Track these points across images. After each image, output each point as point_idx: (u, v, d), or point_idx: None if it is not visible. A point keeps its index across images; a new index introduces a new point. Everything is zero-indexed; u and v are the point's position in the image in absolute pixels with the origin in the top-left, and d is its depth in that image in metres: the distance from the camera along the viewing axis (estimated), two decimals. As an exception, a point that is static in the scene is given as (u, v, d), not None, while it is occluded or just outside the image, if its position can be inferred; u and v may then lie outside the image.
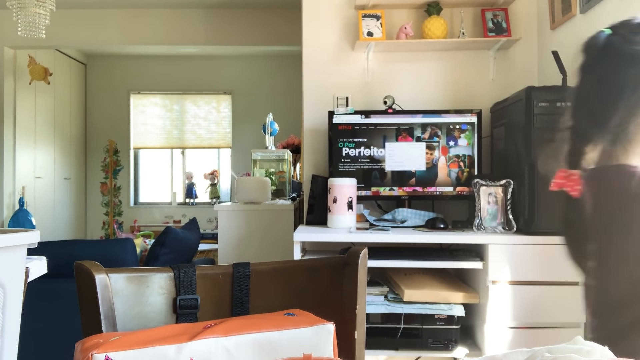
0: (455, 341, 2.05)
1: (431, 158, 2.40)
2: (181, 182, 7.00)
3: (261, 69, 6.79)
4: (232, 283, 0.89)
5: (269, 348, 0.73)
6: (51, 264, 1.64)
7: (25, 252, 0.90)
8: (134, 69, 6.85)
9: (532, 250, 1.98)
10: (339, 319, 0.81)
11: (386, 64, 2.63)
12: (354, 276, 0.87)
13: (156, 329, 0.73)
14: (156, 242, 2.93)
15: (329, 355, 0.75)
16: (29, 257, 1.26)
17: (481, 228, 2.10)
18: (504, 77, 2.60)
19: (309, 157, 2.64)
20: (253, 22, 5.08)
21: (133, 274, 0.84)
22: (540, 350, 0.70)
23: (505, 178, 2.13)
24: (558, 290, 1.97)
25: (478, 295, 2.05)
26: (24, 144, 5.45)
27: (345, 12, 2.64)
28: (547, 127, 1.99)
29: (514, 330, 1.99)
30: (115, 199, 6.86)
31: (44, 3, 3.37)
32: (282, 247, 2.80)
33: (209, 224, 6.60)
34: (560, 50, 2.16)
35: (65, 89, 6.31)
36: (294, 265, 0.95)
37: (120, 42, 5.10)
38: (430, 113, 2.41)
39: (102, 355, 0.65)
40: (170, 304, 0.85)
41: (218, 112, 6.93)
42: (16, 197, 5.24)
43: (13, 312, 0.86)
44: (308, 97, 2.64)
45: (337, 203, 2.22)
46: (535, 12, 2.58)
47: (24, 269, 0.90)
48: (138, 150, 7.00)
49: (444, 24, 2.49)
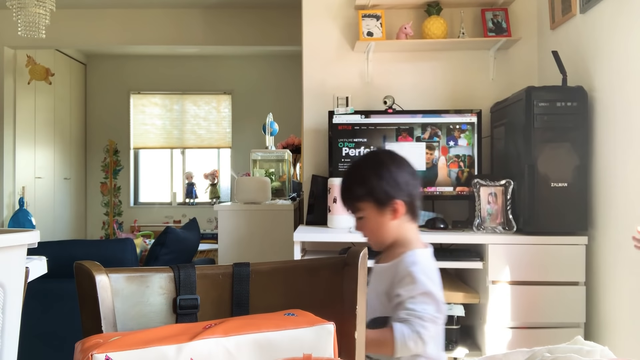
0: (455, 341, 2.05)
1: (431, 158, 2.40)
2: (181, 182, 7.00)
3: (261, 69, 6.79)
4: (232, 283, 0.89)
5: (269, 348, 0.73)
6: (51, 264, 1.63)
7: (25, 252, 0.90)
8: (134, 69, 6.84)
9: (532, 250, 1.98)
10: (339, 319, 0.81)
11: (386, 64, 2.63)
12: (354, 276, 0.87)
13: (156, 329, 0.73)
14: (156, 242, 2.93)
15: (329, 355, 0.75)
16: (29, 257, 1.26)
17: (481, 228, 2.10)
18: (504, 77, 2.60)
19: (309, 157, 2.64)
20: (253, 22, 5.08)
21: (133, 274, 0.84)
22: (540, 350, 0.70)
23: (505, 178, 2.13)
24: (558, 290, 1.97)
25: (478, 295, 2.05)
26: (24, 144, 5.45)
27: (345, 12, 2.64)
28: (547, 127, 1.99)
29: (514, 330, 1.98)
30: (115, 199, 6.86)
31: (44, 3, 3.37)
32: (282, 247, 2.80)
33: (209, 224, 6.60)
34: (560, 50, 2.16)
35: (65, 89, 6.31)
36: (294, 265, 0.95)
37: (120, 42, 5.10)
38: (430, 113, 2.41)
39: (102, 355, 0.65)
40: (170, 304, 0.85)
41: (218, 112, 6.93)
42: (16, 197, 5.24)
43: (13, 312, 0.86)
44: (308, 97, 2.64)
45: (337, 203, 2.22)
46: (535, 12, 2.58)
47: (24, 269, 0.90)
48: (138, 150, 7.00)
49: (444, 24, 2.49)
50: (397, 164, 1.36)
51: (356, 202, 1.37)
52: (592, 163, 2.02)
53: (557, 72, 2.12)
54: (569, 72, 2.10)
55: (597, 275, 1.97)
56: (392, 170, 1.34)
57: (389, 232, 1.35)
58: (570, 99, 1.99)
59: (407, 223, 1.36)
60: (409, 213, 1.35)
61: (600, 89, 1.98)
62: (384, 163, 1.36)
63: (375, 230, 1.37)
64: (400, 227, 1.35)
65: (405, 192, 1.34)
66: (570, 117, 1.99)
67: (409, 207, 1.35)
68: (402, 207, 1.33)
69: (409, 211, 1.35)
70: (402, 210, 1.33)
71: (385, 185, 1.33)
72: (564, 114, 1.99)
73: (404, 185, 1.34)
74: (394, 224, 1.34)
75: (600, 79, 1.98)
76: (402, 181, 1.34)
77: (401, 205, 1.33)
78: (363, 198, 1.35)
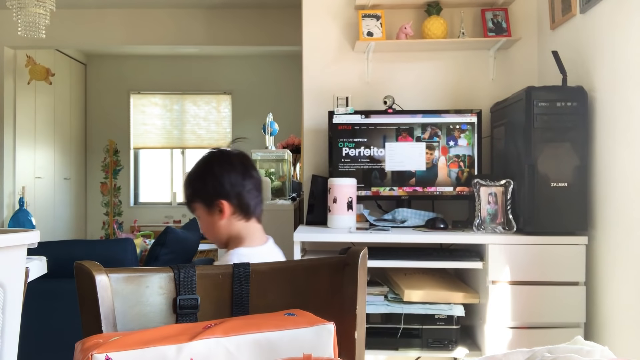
0: (455, 341, 2.05)
1: (431, 158, 2.40)
2: (181, 182, 6.99)
3: (261, 69, 6.80)
4: (232, 283, 0.89)
5: (269, 348, 0.73)
6: (51, 264, 1.63)
7: (25, 252, 0.90)
8: (134, 69, 6.85)
9: (532, 250, 1.98)
10: (339, 319, 0.81)
11: (386, 64, 2.63)
12: (354, 276, 0.87)
13: (156, 329, 0.73)
14: (156, 242, 2.93)
15: (329, 355, 0.75)
16: (29, 257, 1.26)
17: (481, 228, 2.10)
18: (504, 77, 2.60)
19: (309, 157, 2.64)
20: (253, 22, 5.08)
21: (133, 274, 0.84)
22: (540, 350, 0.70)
23: (505, 178, 2.13)
24: (558, 290, 1.97)
25: (478, 295, 2.05)
26: (24, 144, 5.45)
27: (345, 12, 2.64)
28: (547, 127, 1.99)
29: (514, 330, 1.98)
30: (115, 199, 6.86)
31: (44, 3, 3.37)
32: (282, 247, 2.78)
33: (209, 224, 6.59)
34: (560, 50, 2.16)
35: (65, 89, 6.31)
36: (293, 265, 0.95)
37: (120, 42, 5.10)
38: (430, 113, 2.41)
39: (102, 355, 0.65)
40: (170, 304, 0.85)
41: (218, 112, 6.94)
42: (16, 197, 5.24)
43: (13, 312, 0.86)
44: (308, 97, 2.64)
45: (337, 203, 2.22)
46: (535, 12, 2.58)
47: (24, 269, 0.90)
48: (138, 150, 7.00)
49: (444, 24, 2.49)
50: (222, 165, 1.42)
51: (188, 202, 1.46)
52: (592, 163, 2.02)
53: (557, 72, 2.12)
54: (569, 72, 2.10)
55: (597, 275, 1.97)
56: (216, 172, 1.41)
57: (220, 230, 1.43)
58: (570, 99, 1.99)
59: (238, 222, 1.42)
60: (238, 212, 1.41)
61: (600, 89, 1.98)
62: (210, 165, 1.43)
63: (209, 229, 1.45)
64: (230, 225, 1.42)
65: (231, 193, 1.40)
66: (570, 117, 1.99)
67: (238, 206, 1.41)
68: (228, 207, 1.40)
69: (238, 210, 1.41)
70: (228, 210, 1.40)
71: (210, 187, 1.41)
72: (564, 114, 1.99)
73: (228, 186, 1.40)
74: (223, 223, 1.41)
75: (600, 79, 1.98)
76: (227, 182, 1.40)
77: (227, 205, 1.40)
78: (192, 199, 1.44)
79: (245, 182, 1.42)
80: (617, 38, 1.87)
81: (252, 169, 1.45)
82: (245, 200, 1.41)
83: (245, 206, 1.42)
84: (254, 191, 1.44)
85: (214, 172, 1.41)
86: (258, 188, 1.46)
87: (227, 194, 1.40)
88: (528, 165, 2.00)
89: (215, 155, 1.46)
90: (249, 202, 1.42)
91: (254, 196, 1.44)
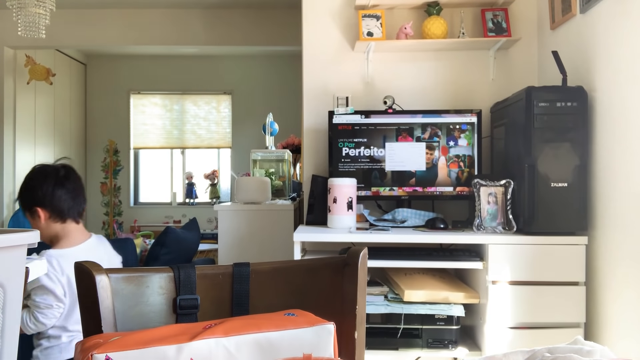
0: (455, 341, 2.05)
1: (431, 158, 2.40)
2: (181, 182, 7.00)
3: (261, 69, 6.79)
4: (232, 283, 0.89)
5: (269, 348, 0.73)
6: (51, 264, 1.63)
7: (25, 252, 0.90)
8: (134, 69, 6.84)
9: (532, 250, 1.98)
10: (339, 319, 0.81)
11: (386, 64, 2.63)
12: (354, 276, 0.87)
13: (156, 329, 0.73)
14: (156, 242, 2.93)
15: (329, 355, 0.75)
16: (29, 257, 1.26)
17: (481, 228, 2.10)
18: (504, 77, 2.60)
19: (309, 157, 2.64)
20: (253, 22, 5.08)
21: (133, 274, 0.84)
22: (540, 350, 0.70)
23: (505, 178, 2.13)
24: (558, 290, 1.97)
25: (478, 295, 2.05)
26: (24, 144, 5.45)
27: (345, 12, 2.64)
28: (547, 127, 1.99)
29: (514, 330, 1.99)
30: (115, 199, 6.86)
31: (44, 3, 3.37)
32: (282, 247, 2.80)
33: (209, 224, 6.60)
34: (560, 50, 2.16)
35: (65, 89, 6.31)
36: (294, 265, 0.95)
37: (120, 42, 5.10)
38: (430, 113, 2.41)
39: (102, 355, 0.65)
40: (170, 304, 0.85)
41: (218, 112, 6.93)
42: (16, 197, 5.23)
43: (13, 312, 0.86)
44: (308, 97, 2.64)
45: (337, 203, 2.22)
46: (535, 12, 2.58)
47: (24, 269, 0.90)
48: (138, 150, 7.00)
49: (444, 24, 2.49)
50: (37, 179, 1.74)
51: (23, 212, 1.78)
52: (592, 163, 2.02)
53: (557, 72, 2.12)
54: (569, 72, 2.10)
55: (597, 275, 1.97)
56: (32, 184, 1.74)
57: (42, 232, 1.71)
58: (570, 99, 1.99)
59: (54, 224, 1.74)
60: (54, 217, 1.73)
61: (600, 89, 1.98)
62: (28, 179, 1.76)
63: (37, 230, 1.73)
64: (49, 228, 1.74)
65: (45, 201, 1.72)
66: (570, 117, 1.99)
67: (51, 211, 1.73)
68: (43, 213, 1.72)
69: (52, 215, 1.73)
70: (44, 215, 1.72)
71: (27, 196, 1.75)
72: (564, 114, 1.99)
73: (41, 196, 1.72)
74: (43, 226, 1.73)
75: (600, 79, 1.98)
76: (41, 193, 1.72)
77: (42, 211, 1.72)
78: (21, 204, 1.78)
79: (55, 190, 1.72)
80: (617, 38, 1.87)
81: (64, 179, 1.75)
82: (57, 205, 1.72)
83: (58, 210, 1.73)
84: (66, 197, 1.74)
85: (31, 185, 1.74)
86: (73, 194, 1.77)
87: (41, 201, 1.71)
88: (528, 165, 2.00)
89: (34, 170, 1.78)
90: (61, 206, 1.73)
91: (66, 201, 1.74)
